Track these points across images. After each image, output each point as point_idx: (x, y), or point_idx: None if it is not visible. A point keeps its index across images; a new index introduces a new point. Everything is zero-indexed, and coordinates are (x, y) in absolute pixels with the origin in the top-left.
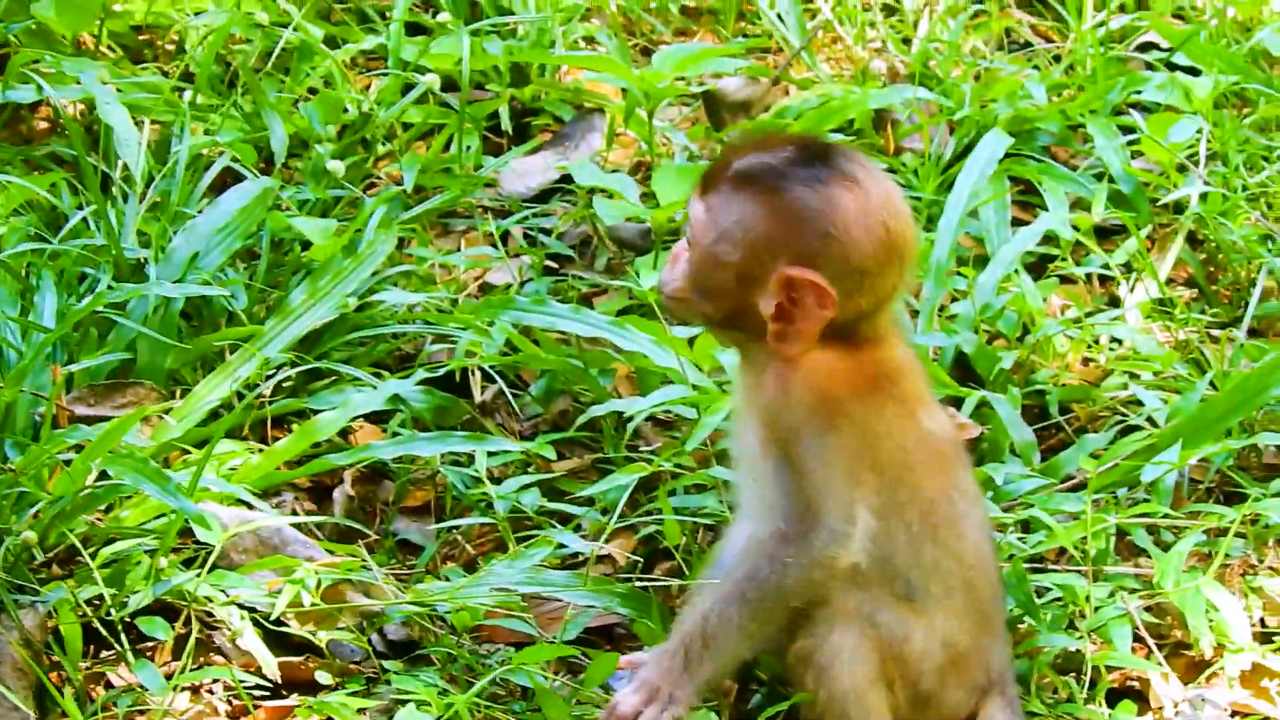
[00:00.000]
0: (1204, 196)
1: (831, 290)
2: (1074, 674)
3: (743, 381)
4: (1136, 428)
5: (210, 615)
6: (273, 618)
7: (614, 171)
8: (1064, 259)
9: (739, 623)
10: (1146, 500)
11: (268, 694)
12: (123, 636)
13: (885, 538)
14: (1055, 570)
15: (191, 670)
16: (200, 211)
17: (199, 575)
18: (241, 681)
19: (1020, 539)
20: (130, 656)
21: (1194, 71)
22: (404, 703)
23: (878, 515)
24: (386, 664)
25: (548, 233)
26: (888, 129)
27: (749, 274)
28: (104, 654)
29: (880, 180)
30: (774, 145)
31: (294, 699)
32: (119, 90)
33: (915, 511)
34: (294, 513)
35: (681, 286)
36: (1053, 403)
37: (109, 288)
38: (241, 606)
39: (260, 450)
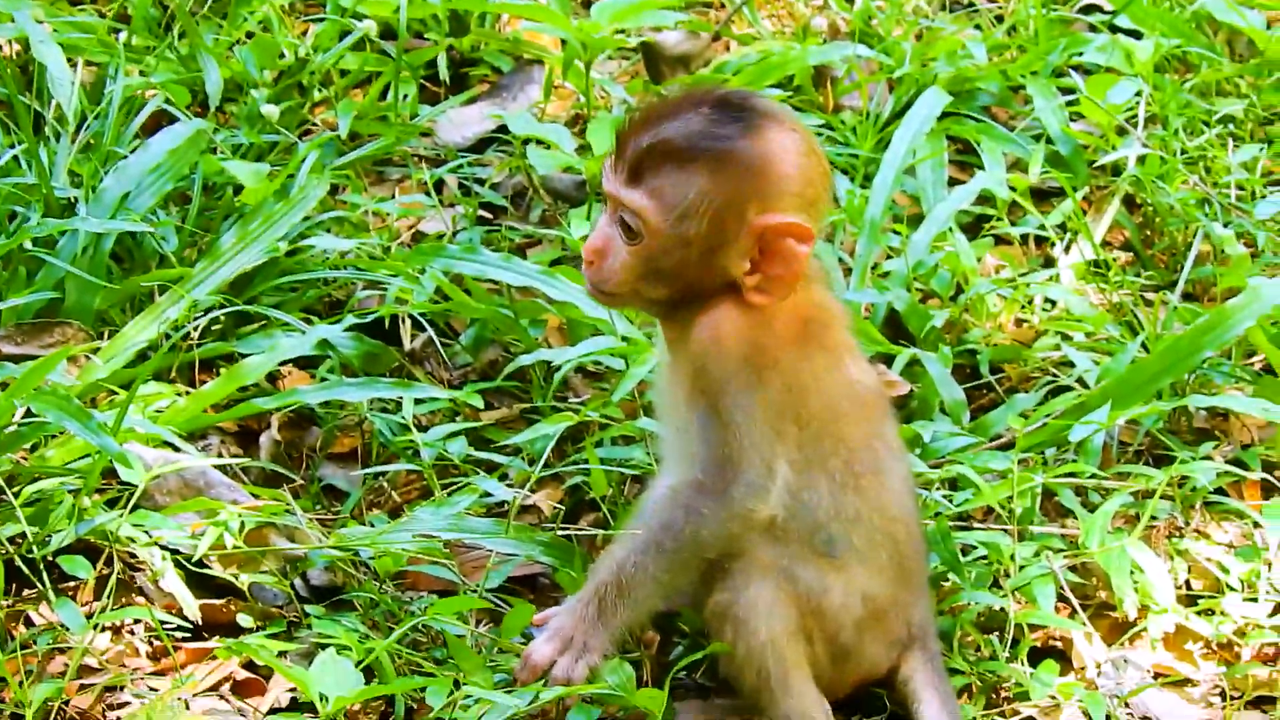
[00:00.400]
0: (1142, 159)
1: (809, 225)
2: (997, 632)
3: (668, 333)
4: (1067, 388)
5: (133, 556)
6: (195, 559)
7: (551, 123)
8: (1000, 219)
9: (654, 573)
10: (1074, 461)
11: (188, 635)
12: (44, 575)
13: (808, 488)
14: (981, 528)
15: (112, 610)
16: (132, 152)
17: (122, 515)
18: (162, 622)
19: (947, 496)
20: (51, 595)
21: (1136, 34)
22: (325, 647)
23: (801, 467)
24: (308, 608)
25: (482, 182)
26: (827, 86)
27: (718, 241)
28: (25, 592)
29: (788, 111)
30: (684, 111)
31: (215, 641)
32: (54, 29)
33: (839, 461)
34: (219, 455)
35: (624, 280)
36: (984, 362)
37: (37, 225)
38: (164, 548)
39: (187, 393)
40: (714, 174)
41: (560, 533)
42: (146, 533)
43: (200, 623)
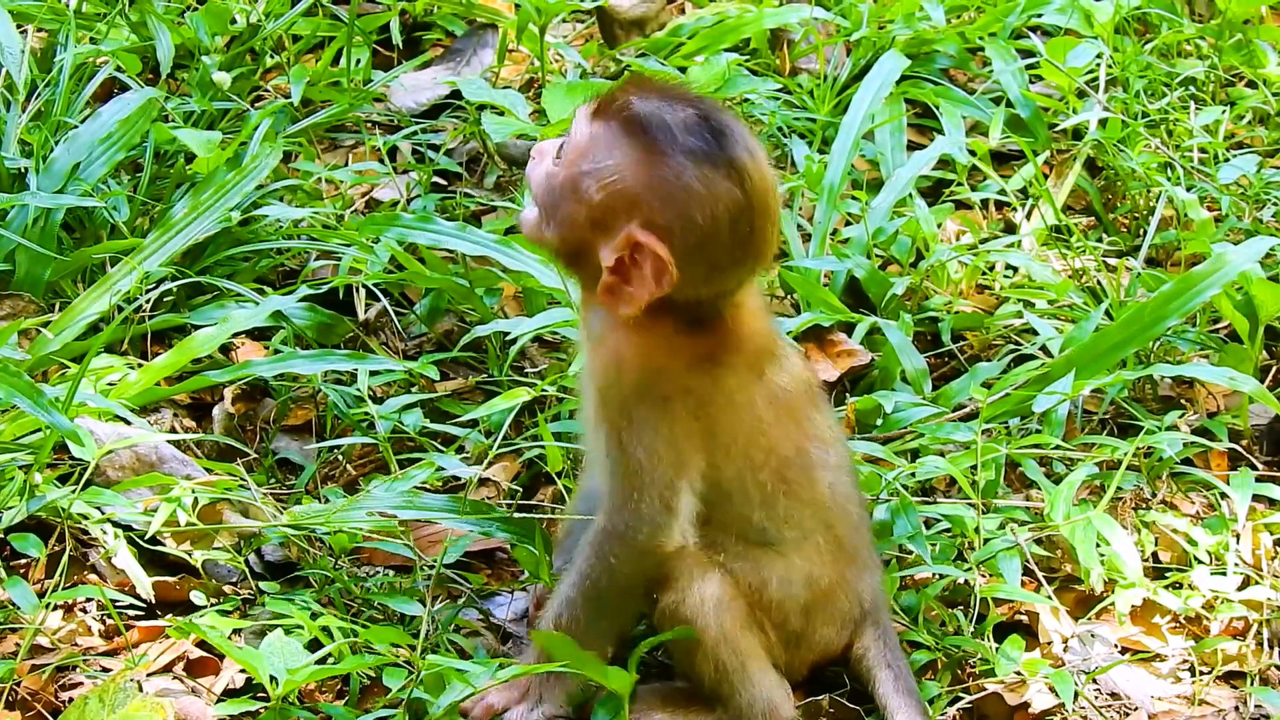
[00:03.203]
0: (1103, 123)
1: (673, 270)
2: (961, 606)
3: (585, 337)
4: (1030, 357)
5: (85, 533)
6: (148, 536)
7: (505, 88)
8: (960, 184)
9: (589, 623)
10: (1038, 431)
11: (142, 614)
12: None
13: (741, 496)
14: (945, 501)
15: (65, 589)
16: (83, 121)
17: (74, 492)
18: (115, 601)
19: (911, 473)
20: (2, 573)
21: None
22: (281, 626)
23: (733, 480)
24: (263, 585)
25: (436, 149)
26: (783, 49)
27: (601, 219)
28: None
29: (764, 174)
30: (680, 100)
31: (168, 619)
32: None
33: (769, 471)
34: (172, 430)
35: (536, 190)
36: (945, 330)
37: None
38: (116, 524)
39: (139, 365)
40: (635, 163)
41: (516, 510)
42: (99, 509)
43: (154, 601)
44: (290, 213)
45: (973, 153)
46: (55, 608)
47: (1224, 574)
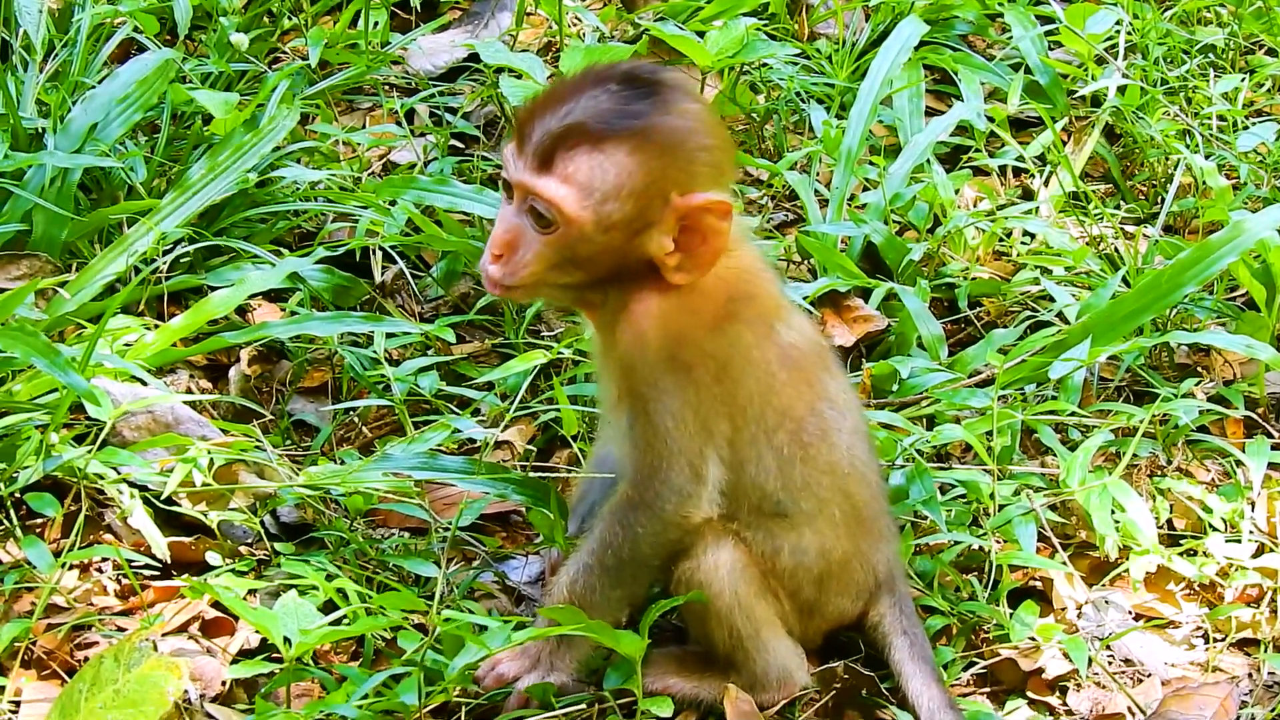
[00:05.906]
0: (1122, 90)
1: (728, 201)
2: (976, 572)
3: (592, 319)
4: (1046, 323)
5: (101, 493)
6: (164, 497)
7: (523, 51)
8: (978, 150)
9: (603, 591)
10: (1054, 397)
11: (157, 574)
12: (11, 512)
13: (755, 464)
14: (960, 467)
15: (80, 548)
16: (101, 82)
17: (90, 452)
18: (130, 561)
19: (927, 438)
20: (19, 533)
21: None
22: (296, 587)
23: (747, 445)
24: (278, 546)
25: (454, 112)
26: (802, 13)
27: (641, 224)
28: None
29: (693, 84)
30: (590, 89)
31: (183, 579)
32: None
33: (784, 434)
34: (189, 391)
35: (533, 272)
36: (962, 296)
37: (5, 157)
38: (132, 485)
39: (156, 326)
40: (633, 154)
41: (532, 472)
42: (115, 469)
43: (169, 561)
44: (307, 175)
45: (991, 119)
46: (71, 567)
47: (1238, 541)
